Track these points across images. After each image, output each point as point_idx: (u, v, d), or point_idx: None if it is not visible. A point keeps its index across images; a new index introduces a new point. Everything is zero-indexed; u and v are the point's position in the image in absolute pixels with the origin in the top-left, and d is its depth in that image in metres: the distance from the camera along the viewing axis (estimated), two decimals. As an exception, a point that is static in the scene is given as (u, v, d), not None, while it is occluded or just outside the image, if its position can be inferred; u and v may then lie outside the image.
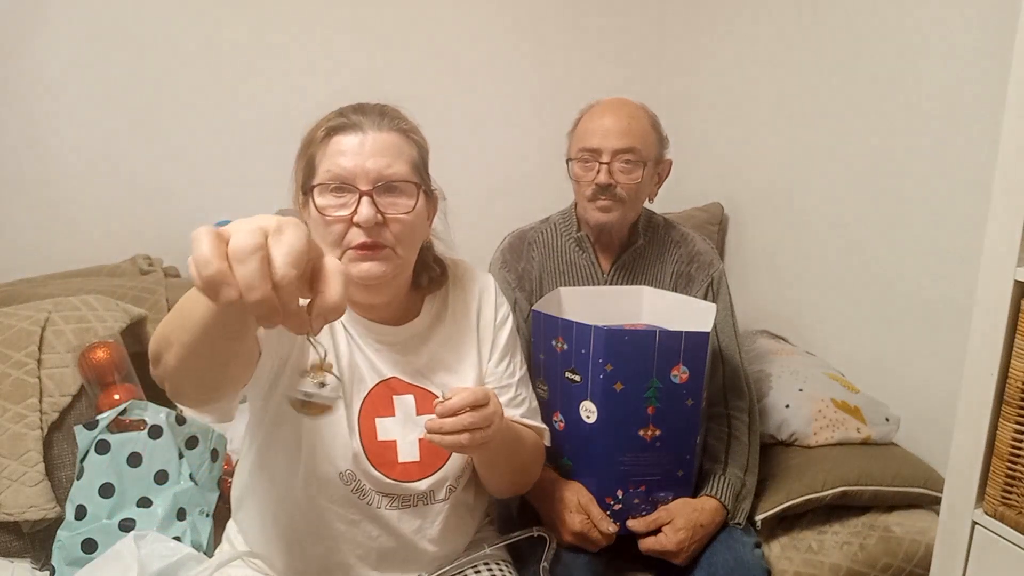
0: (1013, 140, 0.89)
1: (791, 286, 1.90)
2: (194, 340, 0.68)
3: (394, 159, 0.92)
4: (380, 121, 0.93)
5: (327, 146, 0.92)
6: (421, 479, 1.00)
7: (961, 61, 1.40)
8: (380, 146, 0.92)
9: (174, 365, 0.72)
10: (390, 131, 0.93)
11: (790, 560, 1.28)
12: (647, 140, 1.33)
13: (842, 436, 1.48)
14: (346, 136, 0.92)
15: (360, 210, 0.89)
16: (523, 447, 1.07)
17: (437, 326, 1.06)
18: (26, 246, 1.74)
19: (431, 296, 1.07)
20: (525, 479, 1.13)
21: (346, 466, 0.96)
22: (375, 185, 0.91)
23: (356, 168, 0.90)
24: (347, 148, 0.91)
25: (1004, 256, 0.90)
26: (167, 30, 1.79)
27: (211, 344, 0.69)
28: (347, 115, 0.93)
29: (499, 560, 1.11)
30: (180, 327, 0.69)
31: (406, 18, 2.01)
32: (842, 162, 1.70)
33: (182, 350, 0.70)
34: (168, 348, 0.72)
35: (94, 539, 1.20)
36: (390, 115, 0.95)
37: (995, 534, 0.96)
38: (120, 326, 1.39)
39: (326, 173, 0.91)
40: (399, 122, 0.96)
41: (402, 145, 0.94)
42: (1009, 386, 0.92)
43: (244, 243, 0.51)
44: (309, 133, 0.96)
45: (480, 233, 1.56)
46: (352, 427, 0.98)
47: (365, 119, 0.93)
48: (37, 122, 1.72)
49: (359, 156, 0.90)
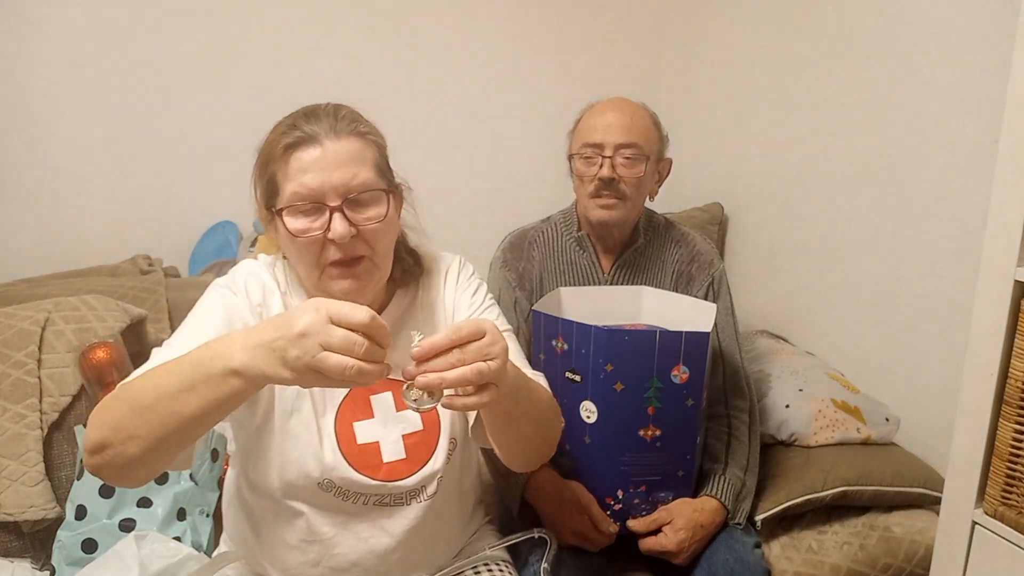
0: (1013, 140, 0.89)
1: (791, 286, 1.90)
2: (182, 424, 0.72)
3: (358, 167, 0.90)
4: (336, 127, 0.90)
5: (287, 164, 0.89)
6: (410, 475, 0.98)
7: (961, 61, 1.40)
8: (342, 156, 0.89)
9: (137, 453, 0.73)
10: (348, 137, 0.90)
11: (790, 560, 1.28)
12: (649, 136, 1.33)
13: (842, 436, 1.48)
14: (305, 151, 0.88)
15: (333, 227, 0.88)
16: (538, 394, 0.94)
17: (409, 317, 1.04)
18: (26, 246, 1.74)
19: (403, 289, 1.05)
20: (550, 434, 0.99)
21: (322, 476, 0.95)
22: (344, 199, 0.89)
23: (322, 185, 0.87)
24: (308, 164, 0.88)
25: (1004, 256, 0.91)
26: (167, 30, 1.79)
27: (205, 423, 0.74)
28: (300, 126, 0.89)
29: (499, 561, 1.11)
30: (157, 417, 0.72)
31: (406, 19, 2.01)
32: (842, 162, 1.70)
33: (154, 438, 0.72)
34: (129, 440, 0.73)
35: (94, 539, 1.20)
36: (343, 118, 0.92)
37: (995, 534, 0.96)
38: (120, 326, 1.39)
39: (293, 195, 0.88)
40: (355, 125, 0.92)
41: (362, 150, 0.91)
42: (1009, 386, 0.92)
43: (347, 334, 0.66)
44: (265, 147, 0.93)
45: (480, 233, 1.56)
46: (326, 436, 0.96)
47: (320, 127, 0.89)
48: (37, 122, 1.72)
49: (322, 171, 0.88)
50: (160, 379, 0.74)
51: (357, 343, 0.66)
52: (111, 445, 0.74)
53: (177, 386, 0.71)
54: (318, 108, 0.93)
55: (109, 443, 0.74)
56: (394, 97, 2.01)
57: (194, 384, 0.71)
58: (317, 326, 0.66)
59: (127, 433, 0.73)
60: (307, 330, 0.66)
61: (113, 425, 0.74)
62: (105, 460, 0.76)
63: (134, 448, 0.73)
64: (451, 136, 2.09)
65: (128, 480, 0.80)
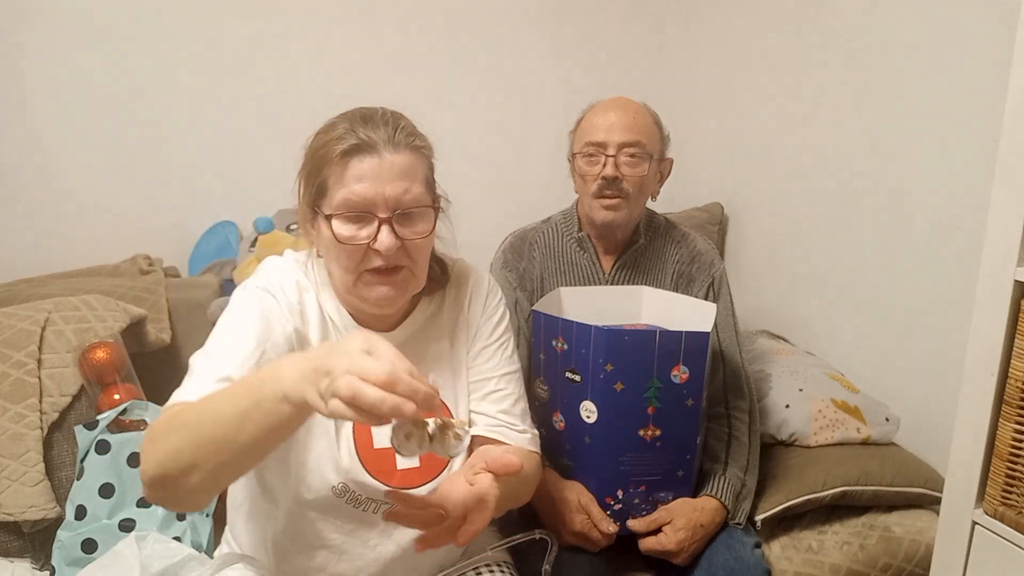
0: (1013, 140, 0.89)
1: (791, 286, 1.90)
2: (239, 453, 0.71)
3: (411, 182, 0.90)
4: (394, 138, 0.89)
5: (343, 170, 0.88)
6: (422, 484, 0.99)
7: (961, 61, 1.40)
8: (397, 170, 0.89)
9: (198, 484, 0.73)
10: (405, 150, 0.90)
11: (790, 560, 1.28)
12: (652, 135, 1.33)
13: (842, 436, 1.48)
14: (362, 160, 0.88)
15: (380, 238, 0.88)
16: (523, 486, 1.02)
17: (433, 325, 1.05)
18: (26, 246, 1.74)
19: (428, 296, 1.06)
20: (527, 498, 1.09)
21: (338, 479, 0.95)
22: (394, 212, 0.89)
23: (376, 196, 0.88)
24: (364, 173, 0.88)
25: (1004, 256, 0.91)
26: (167, 30, 1.79)
27: (262, 451, 0.74)
28: (357, 130, 0.89)
29: (500, 562, 1.11)
30: (215, 446, 0.71)
31: (408, 19, 2.00)
32: (842, 162, 1.70)
33: (218, 469, 0.72)
34: (190, 471, 0.72)
35: (94, 539, 1.20)
36: (402, 129, 0.91)
37: (995, 534, 0.96)
38: (120, 326, 1.39)
39: (344, 202, 0.88)
40: (412, 139, 0.92)
41: (416, 164, 0.92)
42: (1009, 386, 0.92)
43: (395, 369, 0.64)
44: (319, 148, 0.91)
45: (481, 233, 1.56)
46: (345, 439, 0.96)
47: (378, 136, 0.88)
48: (37, 123, 1.72)
49: (377, 182, 0.88)
50: (214, 408, 0.73)
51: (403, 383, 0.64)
52: (171, 477, 0.73)
53: (231, 414, 0.70)
54: (375, 114, 0.92)
55: (169, 475, 0.73)
56: (394, 98, 1.98)
57: (249, 412, 0.69)
58: (355, 358, 0.64)
59: (187, 464, 0.72)
60: (336, 365, 0.64)
61: (171, 457, 0.73)
62: (167, 493, 0.76)
63: (196, 479, 0.72)
64: (451, 136, 2.07)
65: (190, 507, 0.81)
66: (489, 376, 1.06)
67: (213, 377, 0.82)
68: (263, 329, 0.89)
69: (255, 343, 0.87)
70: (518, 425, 1.05)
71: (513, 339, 1.11)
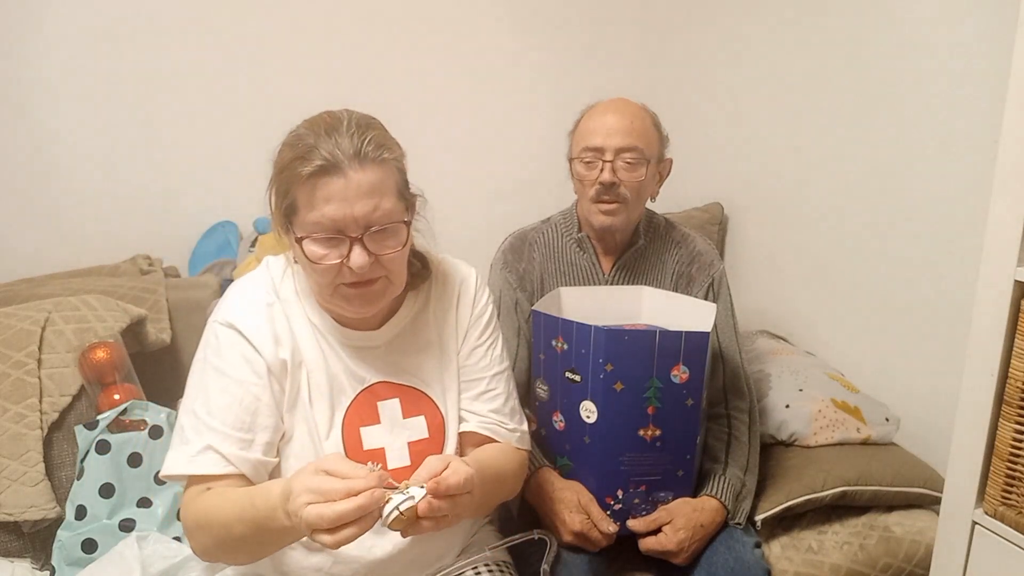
0: (1013, 140, 0.89)
1: (791, 286, 1.90)
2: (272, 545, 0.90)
3: (380, 198, 0.88)
4: (360, 152, 0.87)
5: (311, 191, 0.86)
6: None
7: (961, 61, 1.40)
8: (365, 188, 0.87)
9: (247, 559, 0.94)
10: (372, 166, 0.87)
11: (790, 560, 1.28)
12: (650, 139, 1.33)
13: (842, 436, 1.48)
14: (327, 182, 0.86)
15: (353, 258, 0.88)
16: (504, 483, 1.05)
17: (419, 323, 1.05)
18: (26, 247, 1.74)
19: (413, 292, 1.06)
20: (511, 496, 1.14)
21: None
22: (365, 231, 0.88)
23: (344, 217, 0.86)
24: (332, 195, 0.86)
25: (1004, 256, 0.91)
26: (167, 30, 1.79)
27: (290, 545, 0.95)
28: (321, 147, 0.86)
29: (499, 562, 1.11)
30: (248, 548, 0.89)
31: (407, 20, 2.00)
32: (842, 162, 1.70)
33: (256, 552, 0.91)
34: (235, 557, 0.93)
35: (94, 539, 1.21)
36: (370, 142, 0.88)
37: (995, 534, 0.96)
38: (120, 326, 1.39)
39: (315, 224, 0.87)
40: (380, 151, 0.89)
41: (384, 178, 0.89)
42: (1009, 386, 0.92)
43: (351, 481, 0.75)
44: (286, 166, 0.89)
45: (481, 234, 1.56)
46: (333, 441, 0.97)
47: (342, 152, 0.86)
48: (37, 123, 1.72)
49: (344, 203, 0.86)
50: (227, 524, 0.86)
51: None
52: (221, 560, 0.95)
53: (255, 537, 0.85)
54: (340, 124, 0.89)
55: (218, 559, 0.94)
56: (394, 98, 2.00)
57: (265, 539, 0.86)
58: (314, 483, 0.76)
59: (229, 555, 0.92)
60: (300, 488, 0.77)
61: (208, 551, 0.91)
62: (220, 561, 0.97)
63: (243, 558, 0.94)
64: (451, 137, 2.09)
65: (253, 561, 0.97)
66: (481, 376, 1.08)
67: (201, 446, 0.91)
68: (247, 376, 0.95)
69: (245, 395, 0.94)
70: (508, 423, 1.08)
71: (500, 342, 1.11)
